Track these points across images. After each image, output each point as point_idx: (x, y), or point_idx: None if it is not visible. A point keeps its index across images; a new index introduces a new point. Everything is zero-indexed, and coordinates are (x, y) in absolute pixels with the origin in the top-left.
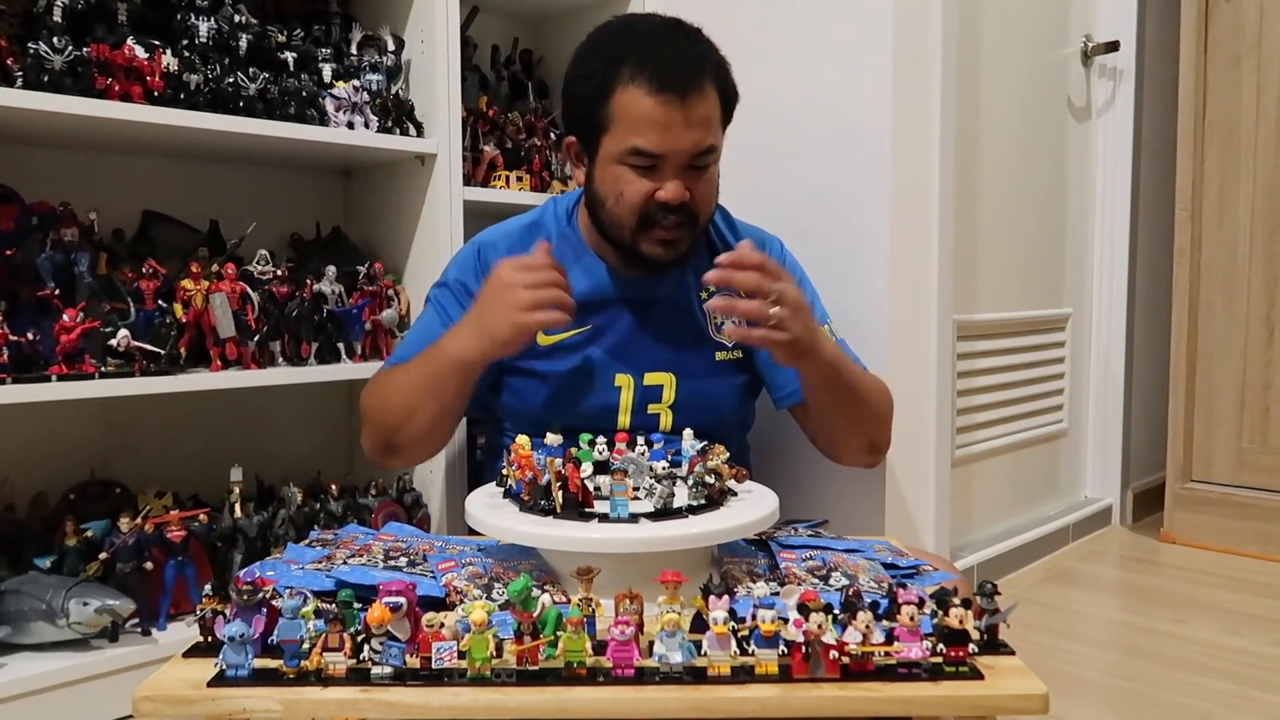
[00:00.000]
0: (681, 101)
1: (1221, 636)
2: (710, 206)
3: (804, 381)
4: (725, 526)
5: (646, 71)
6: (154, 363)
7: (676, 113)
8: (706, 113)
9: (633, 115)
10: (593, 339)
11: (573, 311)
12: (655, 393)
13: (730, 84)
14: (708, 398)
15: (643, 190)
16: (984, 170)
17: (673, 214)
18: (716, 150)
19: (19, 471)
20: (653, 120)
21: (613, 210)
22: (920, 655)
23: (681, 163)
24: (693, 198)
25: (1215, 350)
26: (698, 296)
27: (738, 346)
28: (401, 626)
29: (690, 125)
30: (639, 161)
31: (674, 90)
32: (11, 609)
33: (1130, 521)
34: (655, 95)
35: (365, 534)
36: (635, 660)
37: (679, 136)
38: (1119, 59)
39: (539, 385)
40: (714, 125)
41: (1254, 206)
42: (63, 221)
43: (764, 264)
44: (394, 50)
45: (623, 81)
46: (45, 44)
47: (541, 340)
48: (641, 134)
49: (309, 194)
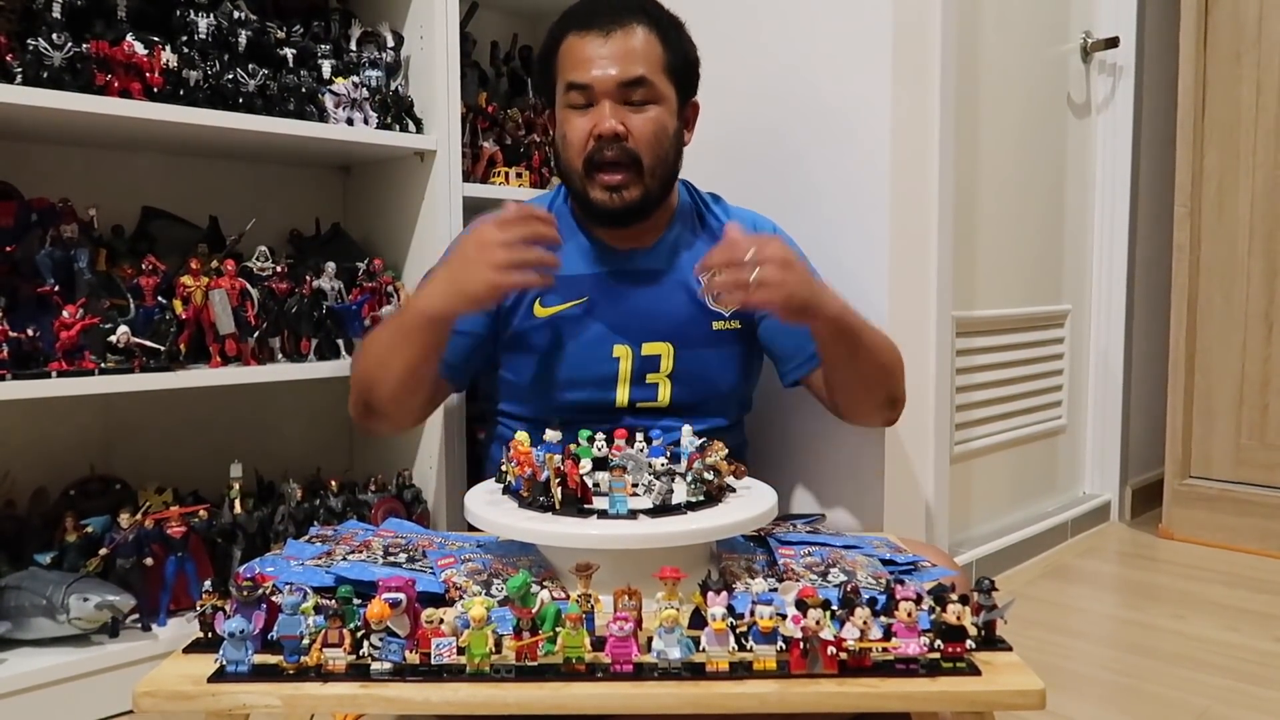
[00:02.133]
0: (604, 35)
1: (1219, 632)
2: (657, 152)
3: (817, 338)
4: (724, 523)
5: (578, 18)
6: (154, 359)
7: (600, 45)
8: (632, 46)
9: (567, 57)
10: (590, 311)
11: (554, 276)
12: (653, 362)
13: (677, 36)
14: (706, 367)
15: (582, 129)
16: (983, 166)
17: (610, 150)
18: (650, 84)
19: (19, 467)
20: (580, 55)
21: (565, 157)
22: (918, 651)
23: (610, 93)
24: (630, 134)
25: (1214, 346)
26: (692, 270)
27: (735, 316)
28: (401, 622)
29: (614, 57)
30: (576, 99)
31: (597, 26)
32: (12, 605)
33: (1129, 517)
34: (581, 33)
35: (365, 530)
36: (634, 656)
37: (603, 66)
38: (1119, 55)
39: (538, 359)
40: (644, 60)
41: (1253, 203)
42: (62, 218)
43: (732, 238)
44: (393, 46)
45: (563, 33)
46: (45, 40)
47: (538, 312)
48: (573, 70)
49: (308, 190)
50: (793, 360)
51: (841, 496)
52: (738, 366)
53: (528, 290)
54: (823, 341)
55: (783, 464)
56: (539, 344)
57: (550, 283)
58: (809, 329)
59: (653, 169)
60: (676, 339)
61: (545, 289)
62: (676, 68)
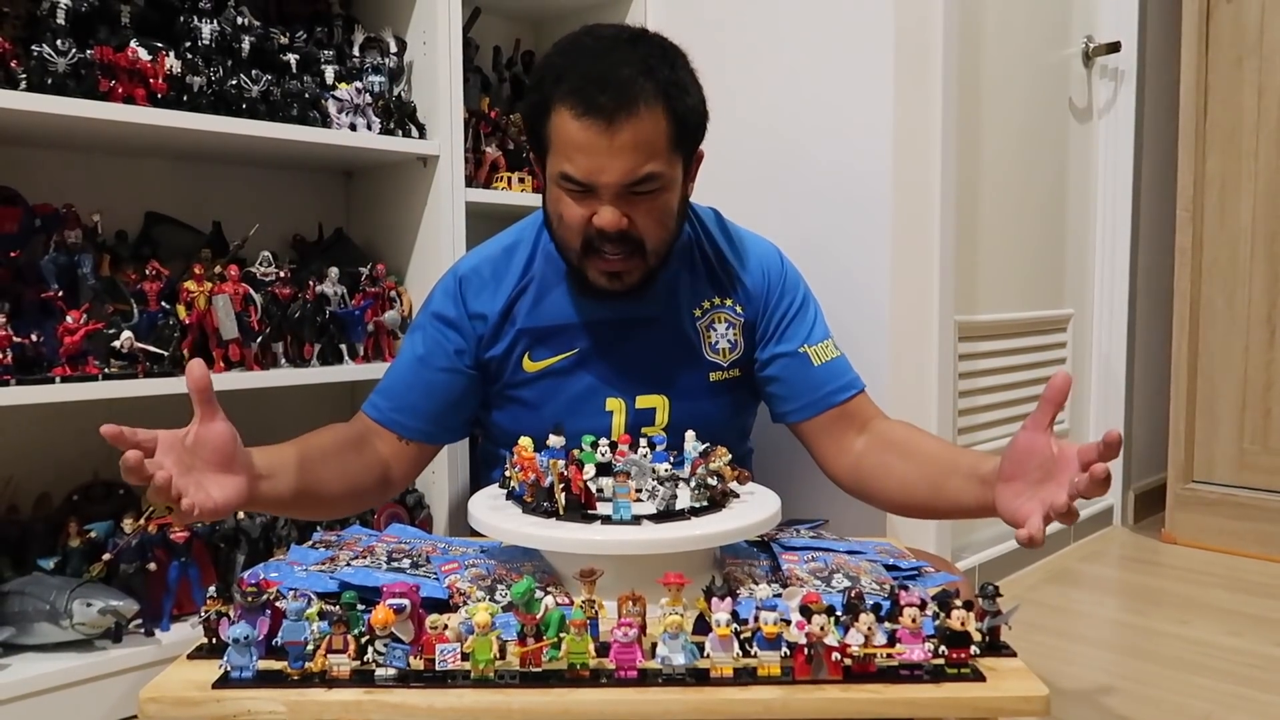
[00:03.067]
0: (608, 126)
1: (1222, 637)
2: (661, 234)
3: (977, 509)
4: (727, 528)
5: (576, 93)
6: (157, 364)
7: (602, 139)
8: (641, 137)
9: (562, 139)
10: (581, 363)
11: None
12: (648, 415)
13: (686, 103)
14: (702, 419)
15: (580, 216)
16: (985, 171)
17: (611, 242)
18: (659, 177)
19: (23, 473)
20: (579, 146)
21: (558, 232)
22: (922, 657)
23: (614, 191)
24: (635, 226)
25: (1216, 351)
26: (690, 314)
27: (734, 365)
28: (405, 628)
29: (618, 152)
30: (572, 187)
31: (599, 114)
32: (15, 610)
33: (1131, 522)
34: (580, 120)
35: (368, 535)
36: (638, 662)
37: (605, 165)
38: (1120, 60)
39: (529, 412)
40: (652, 150)
41: (1255, 207)
42: (66, 223)
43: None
44: (396, 52)
45: (556, 102)
46: (49, 46)
47: (528, 367)
48: (570, 160)
49: (311, 195)
50: (786, 406)
51: (844, 501)
52: (735, 412)
53: (515, 346)
54: (986, 513)
55: (784, 468)
56: (529, 398)
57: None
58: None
59: (656, 249)
60: (672, 391)
61: (535, 344)
62: (684, 137)
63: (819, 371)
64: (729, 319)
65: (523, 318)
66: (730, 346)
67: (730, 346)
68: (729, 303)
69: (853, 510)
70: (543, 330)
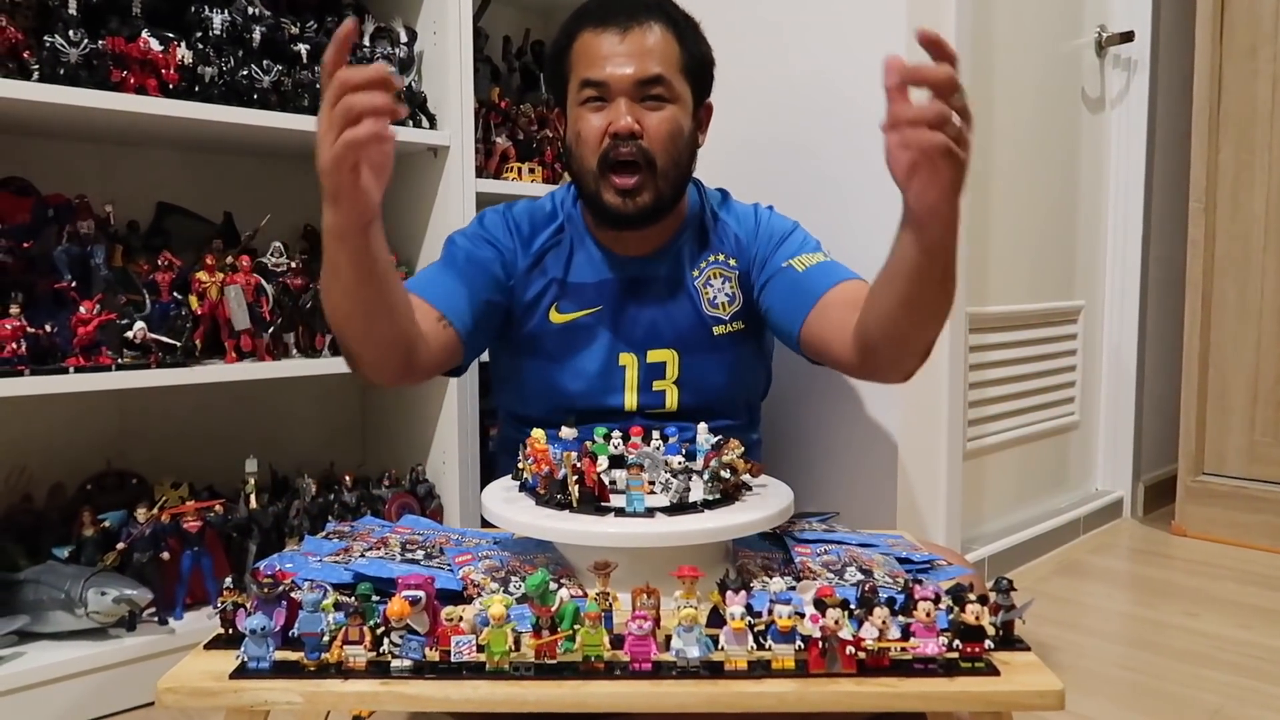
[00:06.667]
0: (622, 32)
1: (1232, 630)
2: (670, 153)
3: (923, 243)
4: (741, 521)
5: (594, 14)
6: (169, 354)
7: (617, 42)
8: (649, 45)
9: (582, 54)
10: (599, 319)
11: (392, 111)
12: (659, 369)
13: (695, 40)
14: (711, 372)
15: (597, 128)
16: (997, 161)
17: (625, 147)
18: (668, 84)
19: (37, 462)
20: (597, 52)
21: (578, 154)
22: (936, 651)
23: (627, 91)
24: (645, 133)
25: (1228, 343)
26: (691, 274)
27: (735, 318)
28: (420, 620)
29: (631, 55)
30: (591, 95)
31: (614, 23)
32: (30, 598)
33: (1141, 514)
34: (598, 30)
35: (381, 526)
36: (652, 655)
37: (620, 64)
38: (1133, 50)
39: (547, 362)
40: (661, 58)
41: (1268, 198)
42: (78, 214)
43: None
44: (406, 42)
45: (577, 31)
46: (61, 37)
47: (554, 318)
48: (589, 66)
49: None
50: (796, 308)
51: (854, 493)
52: (743, 366)
53: (544, 295)
54: (922, 250)
55: (795, 460)
56: (550, 349)
57: (400, 113)
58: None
59: (666, 171)
60: (680, 346)
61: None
62: (693, 68)
63: (806, 275)
64: (724, 273)
65: (551, 270)
66: (729, 300)
67: (729, 300)
68: (721, 257)
69: (863, 502)
70: (570, 285)
